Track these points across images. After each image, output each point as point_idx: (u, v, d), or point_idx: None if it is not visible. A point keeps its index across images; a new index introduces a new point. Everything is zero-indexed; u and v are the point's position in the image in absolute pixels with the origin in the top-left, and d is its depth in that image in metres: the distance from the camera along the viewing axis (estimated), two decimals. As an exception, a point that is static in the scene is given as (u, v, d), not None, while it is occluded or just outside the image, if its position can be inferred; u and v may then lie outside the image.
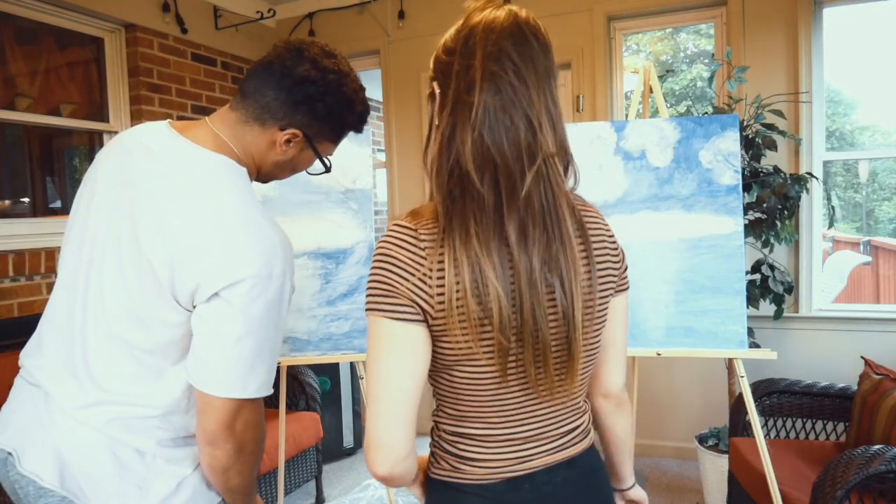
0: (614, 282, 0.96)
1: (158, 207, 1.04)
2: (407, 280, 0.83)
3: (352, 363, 3.48)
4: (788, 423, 2.68)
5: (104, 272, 1.08)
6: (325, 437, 3.19)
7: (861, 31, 3.42)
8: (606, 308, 0.95)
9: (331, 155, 1.25)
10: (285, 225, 2.23)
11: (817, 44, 3.09)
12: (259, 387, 1.07)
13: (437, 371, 0.89)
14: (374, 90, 5.25)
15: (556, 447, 0.94)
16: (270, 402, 2.83)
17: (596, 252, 0.92)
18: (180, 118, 3.49)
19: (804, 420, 2.65)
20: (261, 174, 1.22)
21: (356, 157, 2.31)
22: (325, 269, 2.26)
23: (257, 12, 3.85)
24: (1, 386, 2.17)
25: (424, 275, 0.83)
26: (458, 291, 0.81)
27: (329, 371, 3.55)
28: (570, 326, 0.86)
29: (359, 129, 1.24)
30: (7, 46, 2.83)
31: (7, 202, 2.83)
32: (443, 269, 0.82)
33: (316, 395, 3.10)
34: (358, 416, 3.73)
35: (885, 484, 1.81)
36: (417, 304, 0.83)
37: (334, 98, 1.15)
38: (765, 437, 2.13)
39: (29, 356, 1.17)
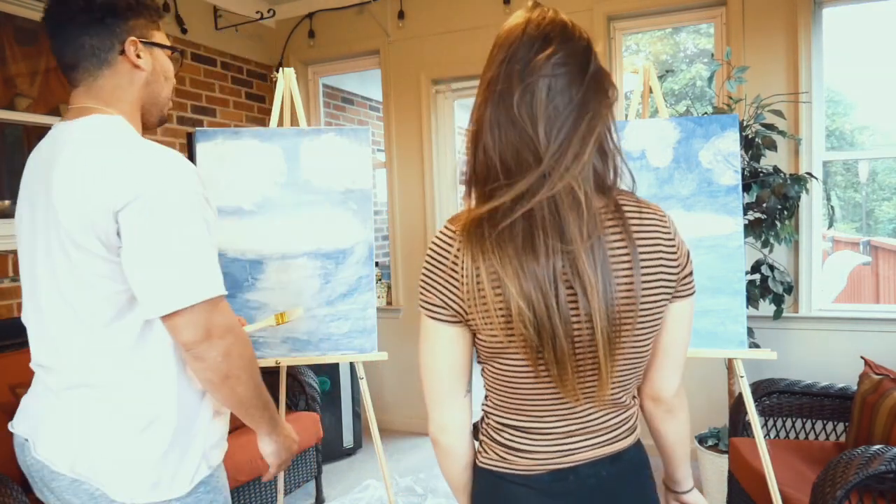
0: (670, 287, 0.93)
1: (57, 180, 1.09)
2: (441, 284, 0.90)
3: (351, 363, 3.48)
4: (788, 423, 2.68)
5: (40, 259, 1.15)
6: (325, 437, 3.18)
7: (861, 31, 3.42)
8: (657, 314, 0.93)
9: (168, 42, 1.25)
10: (285, 225, 2.24)
11: (817, 44, 3.09)
12: (201, 289, 1.07)
13: (483, 361, 0.96)
14: (374, 90, 5.25)
15: (599, 442, 0.96)
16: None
17: (643, 257, 0.89)
18: (180, 118, 3.49)
19: (804, 420, 2.65)
20: (147, 109, 1.23)
21: (356, 157, 2.30)
22: (325, 269, 2.26)
23: (257, 12, 3.85)
24: (1, 385, 2.17)
25: (457, 277, 0.88)
26: (480, 291, 0.86)
27: (329, 371, 3.55)
28: (595, 332, 0.85)
29: (157, 7, 1.24)
30: (7, 46, 2.83)
31: (7, 202, 2.83)
32: (471, 270, 0.87)
33: (316, 396, 3.10)
34: (357, 416, 3.73)
35: (885, 484, 1.81)
36: (451, 307, 0.90)
37: None
38: (764, 437, 2.13)
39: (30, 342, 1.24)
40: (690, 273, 0.97)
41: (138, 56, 1.17)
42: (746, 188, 2.74)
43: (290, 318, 1.77)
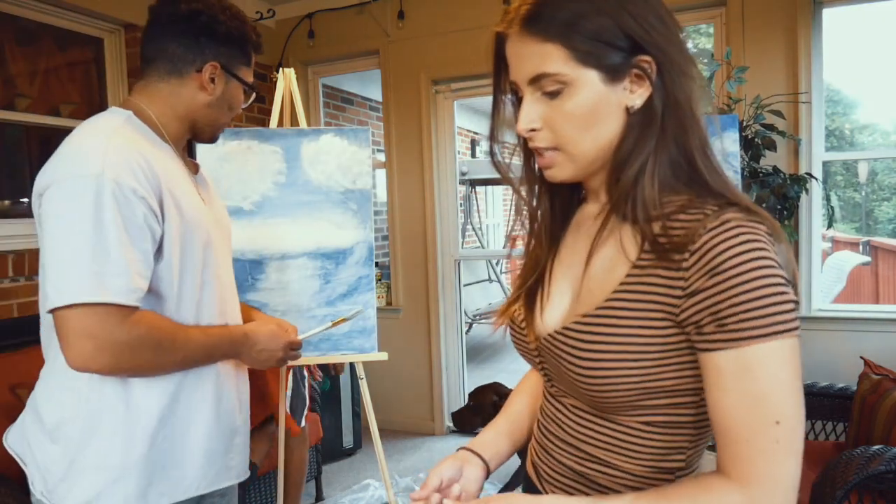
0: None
1: None
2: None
3: (352, 363, 3.49)
4: (788, 423, 2.68)
5: None
6: (325, 437, 3.18)
7: (861, 31, 3.42)
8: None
9: (251, 80, 1.28)
10: (285, 225, 2.24)
11: (817, 44, 3.09)
12: (77, 291, 0.98)
13: None
14: (374, 90, 5.25)
15: None
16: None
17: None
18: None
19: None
20: (200, 128, 1.25)
21: (356, 158, 2.31)
22: (325, 269, 2.26)
23: (257, 12, 3.85)
24: (1, 385, 2.18)
25: None
26: None
27: (329, 371, 3.56)
28: None
29: (258, 46, 1.28)
30: (7, 46, 2.83)
31: (7, 202, 2.83)
32: None
33: (316, 396, 3.10)
34: (357, 416, 3.73)
35: (885, 484, 1.81)
36: None
37: (225, 16, 1.20)
38: (764, 437, 2.13)
39: None
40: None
41: (212, 80, 1.19)
42: (746, 188, 2.74)
43: (349, 317, 1.74)
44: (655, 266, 0.70)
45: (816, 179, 3.01)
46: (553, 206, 0.86)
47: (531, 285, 0.85)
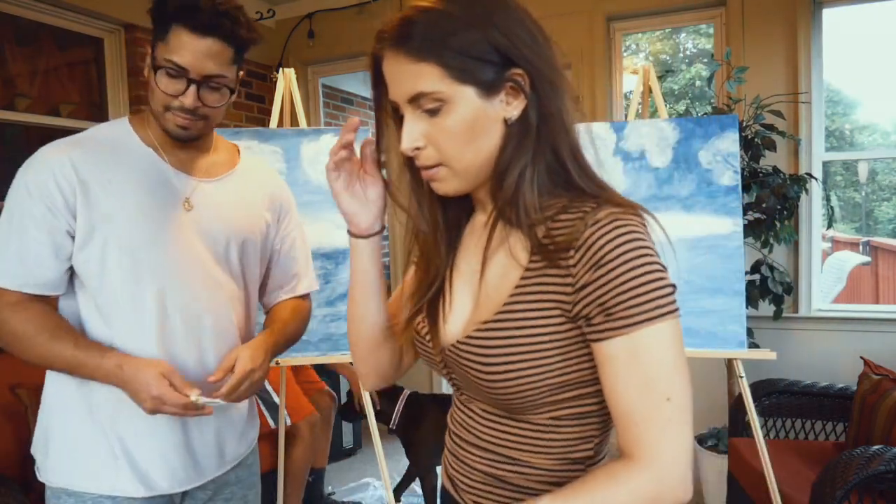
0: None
1: None
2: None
3: (351, 363, 3.48)
4: (788, 424, 2.68)
5: None
6: (325, 437, 3.18)
7: (861, 31, 3.42)
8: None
9: (173, 56, 1.10)
10: (285, 225, 2.23)
11: (817, 44, 3.09)
12: None
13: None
14: (373, 90, 5.24)
15: None
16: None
17: None
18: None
19: (804, 420, 2.65)
20: (155, 122, 1.20)
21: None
22: (325, 269, 2.26)
23: (257, 12, 3.85)
24: (1, 385, 2.17)
25: None
26: None
27: (329, 371, 3.55)
28: None
29: (181, 9, 1.10)
30: (7, 46, 2.83)
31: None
32: None
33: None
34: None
35: (885, 484, 1.81)
36: None
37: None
38: (764, 437, 2.13)
39: None
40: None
41: (150, 67, 1.16)
42: (746, 188, 2.74)
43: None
44: (546, 267, 0.74)
45: (816, 179, 3.01)
46: (445, 218, 0.88)
47: (432, 297, 0.86)
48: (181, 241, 1.19)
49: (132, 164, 1.18)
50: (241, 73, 1.24)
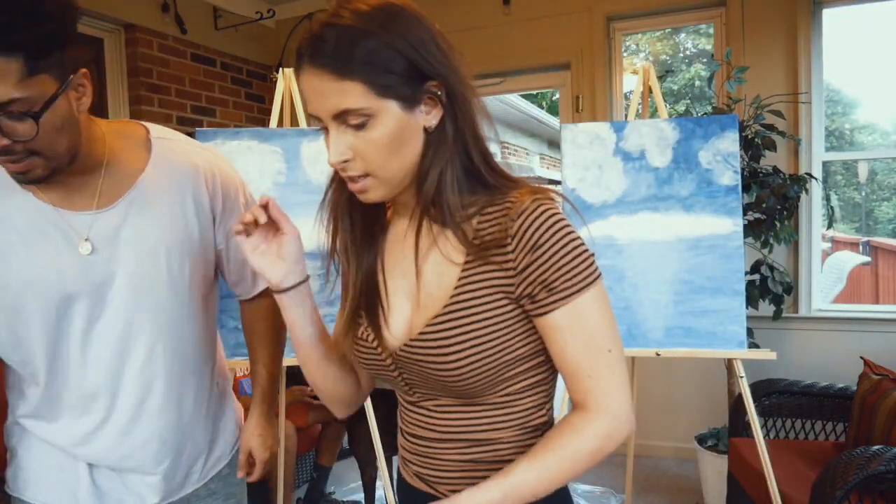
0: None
1: None
2: None
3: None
4: (788, 424, 2.68)
5: None
6: (325, 437, 3.18)
7: (861, 32, 3.42)
8: None
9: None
10: (285, 225, 2.23)
11: (816, 44, 3.09)
12: None
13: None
14: (373, 90, 5.24)
15: None
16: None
17: None
18: (180, 118, 3.50)
19: (804, 420, 2.65)
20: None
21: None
22: (325, 269, 2.26)
23: (257, 12, 3.85)
24: (1, 386, 2.17)
25: None
26: None
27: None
28: None
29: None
30: (7, 47, 2.83)
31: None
32: None
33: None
34: (357, 416, 3.72)
35: (885, 484, 1.81)
36: None
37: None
38: (764, 437, 2.13)
39: None
40: None
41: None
42: (746, 188, 2.74)
43: None
44: (482, 261, 0.81)
45: (816, 179, 3.01)
46: (364, 225, 0.95)
47: (369, 305, 0.91)
48: (88, 296, 1.02)
49: (9, 214, 0.99)
50: (73, 76, 0.91)
